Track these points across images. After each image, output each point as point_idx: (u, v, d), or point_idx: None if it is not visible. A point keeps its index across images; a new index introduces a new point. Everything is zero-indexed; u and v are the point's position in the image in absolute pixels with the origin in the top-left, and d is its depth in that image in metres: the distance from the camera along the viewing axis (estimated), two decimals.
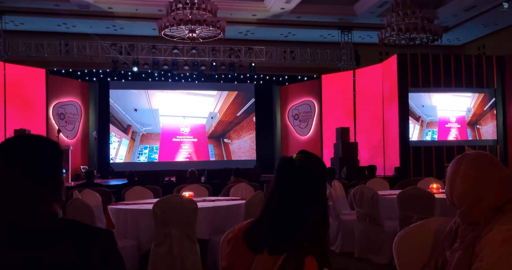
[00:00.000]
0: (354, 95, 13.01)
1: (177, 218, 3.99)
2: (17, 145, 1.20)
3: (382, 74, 12.20)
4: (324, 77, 13.66)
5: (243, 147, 14.84)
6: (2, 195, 1.16)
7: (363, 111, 12.77)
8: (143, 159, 14.03)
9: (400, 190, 4.89)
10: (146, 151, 14.10)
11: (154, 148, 14.16)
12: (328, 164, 10.79)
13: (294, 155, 1.57)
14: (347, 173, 9.59)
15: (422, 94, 11.54)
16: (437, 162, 11.19)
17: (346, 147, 10.92)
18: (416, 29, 10.32)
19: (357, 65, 13.82)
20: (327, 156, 11.84)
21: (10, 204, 1.15)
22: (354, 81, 13.03)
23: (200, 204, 4.28)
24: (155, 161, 14.03)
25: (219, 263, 1.79)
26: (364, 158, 11.53)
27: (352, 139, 11.75)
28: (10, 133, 10.66)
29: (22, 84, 11.64)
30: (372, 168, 7.62)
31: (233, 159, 14.63)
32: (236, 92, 14.88)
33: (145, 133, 14.14)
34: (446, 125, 11.79)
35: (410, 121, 11.33)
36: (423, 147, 11.36)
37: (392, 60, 11.70)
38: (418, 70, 11.45)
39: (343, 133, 11.14)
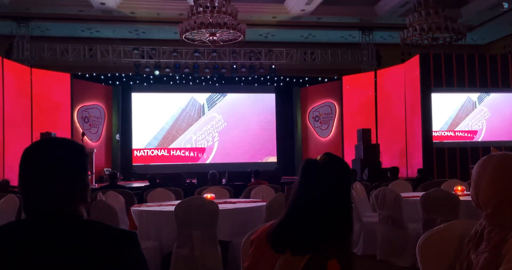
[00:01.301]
0: (376, 96, 12.87)
1: (198, 220, 4.02)
2: (44, 148, 1.23)
3: (404, 75, 12.03)
4: (345, 78, 13.56)
5: (263, 149, 14.84)
6: (30, 197, 1.19)
7: (384, 112, 12.62)
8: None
9: (424, 192, 4.82)
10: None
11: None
12: (349, 165, 10.68)
13: (319, 157, 1.57)
14: (369, 175, 9.49)
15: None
16: (462, 164, 10.96)
17: (368, 148, 10.80)
18: (439, 28, 10.15)
19: (379, 65, 13.68)
20: (348, 157, 11.73)
21: (38, 206, 1.18)
22: (375, 82, 12.90)
23: (221, 206, 4.30)
24: (177, 163, 14.16)
25: (240, 265, 1.80)
26: (386, 159, 11.39)
27: (373, 141, 11.62)
28: (36, 136, 10.93)
29: (48, 89, 11.93)
30: (394, 170, 7.52)
31: (253, 161, 14.64)
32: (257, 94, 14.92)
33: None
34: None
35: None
36: (447, 148, 11.15)
37: (415, 61, 11.53)
38: (441, 71, 11.25)
39: (364, 134, 11.03)
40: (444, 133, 11.41)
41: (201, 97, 14.70)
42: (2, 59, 10.62)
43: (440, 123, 11.39)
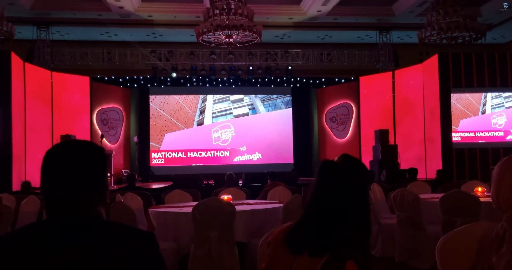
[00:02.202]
0: (393, 96, 12.73)
1: (215, 221, 4.04)
2: (65, 151, 1.25)
3: (423, 75, 11.88)
4: (362, 79, 13.46)
5: (280, 150, 14.82)
6: (52, 198, 1.21)
7: (403, 112, 12.48)
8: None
9: (443, 194, 4.75)
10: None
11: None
12: (367, 167, 10.59)
13: (336, 159, 1.57)
14: (387, 176, 9.38)
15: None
16: (482, 165, 10.76)
17: (386, 149, 10.69)
18: (458, 27, 9.99)
19: (396, 66, 13.54)
20: (366, 159, 11.64)
21: (59, 207, 1.21)
22: (393, 82, 12.77)
23: (238, 208, 4.31)
24: (193, 165, 14.24)
25: (257, 266, 1.80)
26: (405, 161, 11.25)
27: (391, 142, 11.50)
28: (56, 139, 11.13)
29: (67, 92, 12.14)
30: (413, 171, 7.43)
31: (270, 162, 14.63)
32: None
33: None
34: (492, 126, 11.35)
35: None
36: (466, 149, 10.97)
37: (433, 60, 11.38)
38: (461, 70, 11.08)
39: (382, 135, 10.92)
40: (464, 134, 11.22)
41: (218, 99, 14.76)
42: (23, 63, 10.85)
43: (460, 123, 11.20)
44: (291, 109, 14.92)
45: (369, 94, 13.27)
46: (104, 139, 11.48)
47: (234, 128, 14.68)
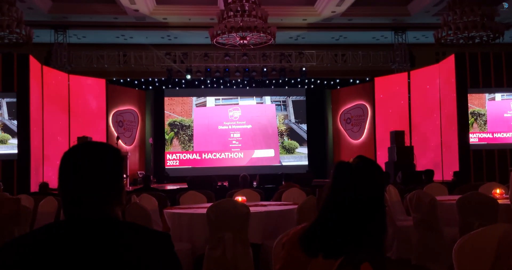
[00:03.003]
0: (409, 97, 12.61)
1: (230, 222, 4.05)
2: (82, 152, 1.27)
3: (439, 75, 11.74)
4: (377, 80, 13.35)
5: (294, 151, 14.80)
6: (69, 199, 1.23)
7: (419, 113, 12.35)
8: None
9: (460, 196, 4.68)
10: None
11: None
12: (382, 168, 10.50)
13: (351, 160, 1.57)
14: (403, 178, 9.29)
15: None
16: (500, 166, 10.57)
17: (401, 151, 10.58)
18: (475, 27, 9.85)
19: (412, 66, 13.41)
20: (381, 160, 11.54)
21: (76, 208, 1.23)
22: (408, 83, 12.64)
23: (252, 209, 4.31)
24: (208, 166, 14.30)
25: (271, 268, 1.80)
26: (421, 162, 11.13)
27: (407, 143, 11.38)
28: (73, 140, 11.29)
29: (84, 94, 12.31)
30: (429, 173, 7.34)
31: (284, 164, 14.62)
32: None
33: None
34: None
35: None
36: (484, 150, 10.79)
37: (450, 60, 11.24)
38: (478, 70, 10.92)
39: (397, 136, 10.82)
40: (482, 135, 11.05)
41: (232, 100, 14.81)
42: (41, 66, 11.04)
43: (477, 125, 11.04)
44: (305, 110, 14.87)
45: (384, 95, 13.16)
46: (119, 140, 11.61)
47: (248, 129, 14.69)
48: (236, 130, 14.63)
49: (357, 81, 14.42)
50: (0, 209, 4.40)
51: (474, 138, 10.94)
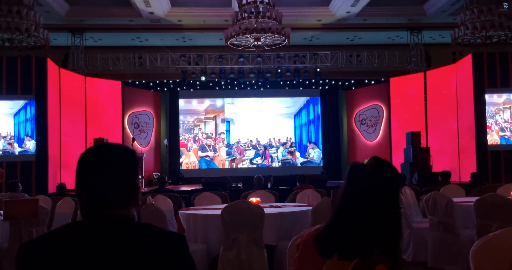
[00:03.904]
0: (425, 97, 12.46)
1: (244, 224, 4.05)
2: (99, 153, 1.29)
3: (456, 75, 11.59)
4: (393, 80, 13.23)
5: (309, 152, 14.75)
6: (86, 200, 1.25)
7: (435, 114, 12.20)
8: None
9: (478, 197, 4.62)
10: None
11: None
12: (398, 170, 10.39)
13: (366, 161, 1.56)
14: (419, 180, 9.19)
15: None
16: None
17: (417, 152, 10.47)
18: (493, 26, 9.70)
19: (428, 66, 13.26)
20: (397, 161, 11.43)
21: (93, 209, 1.24)
22: (425, 83, 12.50)
23: (267, 210, 4.31)
24: (223, 167, 14.34)
25: (286, 269, 1.80)
26: (437, 163, 10.99)
27: (423, 144, 11.25)
28: (90, 142, 11.44)
29: (100, 96, 12.47)
30: (446, 174, 7.25)
31: (298, 165, 14.59)
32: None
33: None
34: None
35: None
36: (502, 151, 10.61)
37: (467, 60, 11.08)
38: (496, 70, 10.74)
39: (413, 137, 10.71)
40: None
41: (246, 102, 14.82)
42: (59, 68, 11.22)
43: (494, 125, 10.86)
44: (320, 111, 14.81)
45: (400, 95, 13.04)
46: (135, 142, 11.71)
47: (263, 130, 14.69)
48: None
49: (372, 82, 14.31)
50: (18, 210, 4.48)
51: (491, 139, 10.76)
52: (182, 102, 14.67)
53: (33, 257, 1.17)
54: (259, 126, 14.68)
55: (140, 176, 1.32)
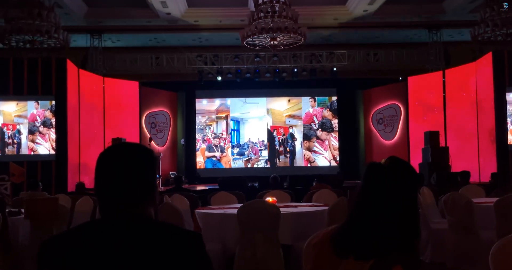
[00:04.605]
0: (444, 96, 12.28)
1: (260, 223, 4.06)
2: (117, 153, 1.31)
3: (476, 74, 11.39)
4: (411, 79, 13.07)
5: (325, 152, 14.68)
6: (105, 198, 1.27)
7: (454, 113, 12.01)
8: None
9: (498, 198, 4.54)
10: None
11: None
12: (416, 170, 10.26)
13: (383, 161, 1.55)
14: (437, 180, 9.06)
15: None
16: None
17: (436, 152, 10.32)
18: None
19: (447, 65, 13.06)
20: (415, 161, 11.29)
21: (111, 207, 1.26)
22: (443, 82, 12.32)
23: (283, 210, 4.31)
24: (239, 167, 14.37)
25: (302, 269, 1.80)
26: (456, 163, 10.82)
27: (442, 144, 11.09)
28: (108, 142, 11.60)
29: (118, 96, 12.63)
30: (465, 174, 7.14)
31: (315, 165, 14.52)
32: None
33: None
34: None
35: None
36: None
37: (487, 58, 10.88)
38: None
39: (432, 137, 10.56)
40: None
41: (263, 101, 14.83)
42: (78, 69, 11.40)
43: None
44: (336, 110, 14.73)
45: (418, 94, 12.87)
46: (152, 142, 11.83)
47: (278, 130, 14.67)
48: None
49: (390, 81, 14.16)
50: (39, 208, 4.57)
51: None
52: (197, 102, 14.75)
53: (54, 254, 1.20)
54: (272, 125, 14.67)
55: (157, 176, 1.33)
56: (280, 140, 14.59)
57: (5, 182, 9.33)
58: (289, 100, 14.78)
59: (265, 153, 14.55)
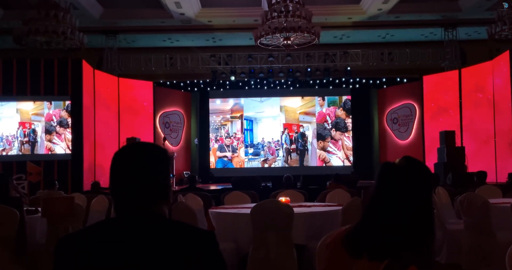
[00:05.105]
0: (460, 95, 12.11)
1: (274, 223, 4.06)
2: (132, 152, 1.32)
3: (493, 72, 11.21)
4: (426, 78, 12.92)
5: (338, 152, 14.60)
6: (120, 197, 1.29)
7: (470, 112, 11.84)
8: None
9: None
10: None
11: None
12: (431, 170, 10.13)
13: (397, 161, 1.54)
14: (453, 180, 8.95)
15: None
16: None
17: (452, 151, 10.19)
18: None
19: (463, 64, 12.88)
20: (430, 161, 11.17)
21: (126, 206, 1.28)
22: (459, 81, 12.15)
23: (296, 210, 4.30)
24: (252, 167, 14.38)
25: (315, 269, 1.80)
26: (473, 163, 10.67)
27: (458, 143, 10.94)
28: (122, 141, 11.71)
29: (133, 96, 12.74)
30: (481, 174, 7.03)
31: (328, 165, 14.46)
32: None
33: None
34: None
35: None
36: None
37: (504, 57, 10.70)
38: None
39: (447, 137, 10.43)
40: None
41: (276, 101, 14.81)
42: (93, 70, 11.53)
43: None
44: (350, 110, 14.64)
45: (433, 94, 12.72)
46: (166, 141, 11.90)
47: (293, 130, 14.65)
48: None
49: (405, 80, 14.02)
50: (56, 207, 4.64)
51: None
52: (211, 102, 14.81)
53: (70, 252, 1.22)
54: (285, 123, 14.64)
55: (171, 175, 1.34)
56: (293, 138, 14.56)
57: (23, 181, 9.52)
58: (302, 97, 14.74)
59: (281, 153, 14.54)
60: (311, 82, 14.10)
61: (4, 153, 10.52)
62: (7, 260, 3.97)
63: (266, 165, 14.43)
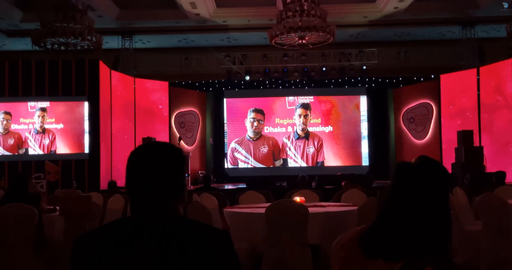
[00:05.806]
0: (478, 94, 11.91)
1: (288, 223, 4.05)
2: (148, 152, 1.33)
3: None
4: (443, 77, 12.75)
5: (354, 152, 14.50)
6: (136, 196, 1.30)
7: (489, 112, 11.63)
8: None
9: None
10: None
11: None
12: (448, 170, 10.00)
13: (413, 160, 1.52)
14: (471, 180, 8.80)
15: None
16: None
17: (470, 151, 10.04)
18: None
19: (482, 62, 12.68)
20: (447, 161, 11.02)
21: (142, 205, 1.29)
22: (478, 79, 11.95)
23: (311, 210, 4.28)
24: (267, 166, 14.36)
25: (330, 269, 1.79)
26: (491, 164, 10.49)
27: (476, 143, 10.77)
28: (138, 141, 11.83)
29: (148, 96, 12.86)
30: (500, 175, 6.91)
31: (344, 164, 14.37)
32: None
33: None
34: None
35: None
36: None
37: None
38: None
39: (465, 136, 10.27)
40: None
41: (291, 101, 14.77)
42: (110, 70, 11.67)
43: None
44: (366, 109, 14.52)
45: (451, 93, 12.54)
46: (181, 141, 11.98)
47: (308, 129, 14.60)
48: None
49: (421, 79, 13.86)
50: (73, 206, 4.71)
51: None
52: (225, 102, 14.84)
53: (87, 250, 1.23)
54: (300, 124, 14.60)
55: (186, 174, 1.35)
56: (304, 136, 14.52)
57: (41, 180, 9.68)
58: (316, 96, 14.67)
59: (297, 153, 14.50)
60: (326, 81, 14.02)
61: (22, 152, 10.71)
62: (29, 257, 4.06)
63: (278, 164, 14.40)
